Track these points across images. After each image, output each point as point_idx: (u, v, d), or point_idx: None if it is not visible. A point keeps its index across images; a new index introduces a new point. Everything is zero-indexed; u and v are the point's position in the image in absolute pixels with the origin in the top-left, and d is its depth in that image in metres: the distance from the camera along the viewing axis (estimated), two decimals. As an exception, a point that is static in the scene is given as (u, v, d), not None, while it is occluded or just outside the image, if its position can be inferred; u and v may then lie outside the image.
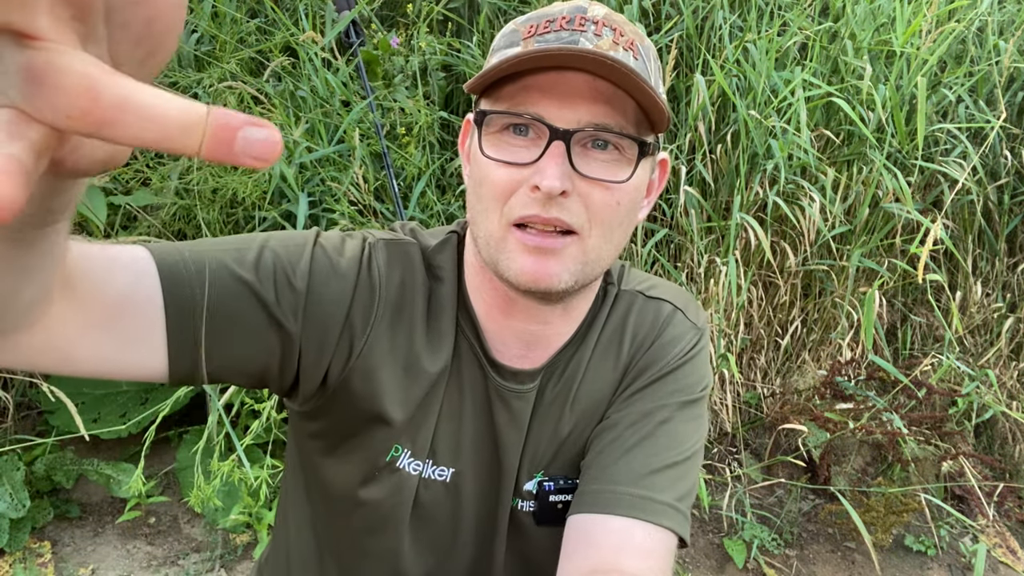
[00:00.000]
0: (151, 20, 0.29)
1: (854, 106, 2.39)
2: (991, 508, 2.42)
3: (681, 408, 0.81)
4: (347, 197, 2.00)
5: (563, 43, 0.66)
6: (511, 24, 0.73)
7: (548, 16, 0.69)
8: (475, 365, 0.81)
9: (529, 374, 0.81)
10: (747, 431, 2.60)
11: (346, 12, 2.13)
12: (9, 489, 1.88)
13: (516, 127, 0.68)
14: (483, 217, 0.71)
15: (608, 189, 0.68)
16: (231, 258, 0.69)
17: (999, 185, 2.75)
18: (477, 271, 0.79)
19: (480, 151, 0.70)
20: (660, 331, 0.84)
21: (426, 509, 0.82)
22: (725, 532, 2.32)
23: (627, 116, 0.67)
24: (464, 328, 0.81)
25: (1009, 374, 2.75)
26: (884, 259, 2.62)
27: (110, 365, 0.62)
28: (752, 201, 2.37)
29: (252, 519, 2.06)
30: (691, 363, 0.83)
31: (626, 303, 0.86)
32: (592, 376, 0.83)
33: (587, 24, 0.67)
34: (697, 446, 0.81)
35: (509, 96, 0.68)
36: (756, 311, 2.52)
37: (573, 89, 0.66)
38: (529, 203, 0.67)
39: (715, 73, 2.22)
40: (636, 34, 0.70)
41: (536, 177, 0.66)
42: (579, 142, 0.67)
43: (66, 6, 0.25)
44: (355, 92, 2.18)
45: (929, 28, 2.46)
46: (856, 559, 2.31)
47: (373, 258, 0.77)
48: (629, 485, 0.74)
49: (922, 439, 2.43)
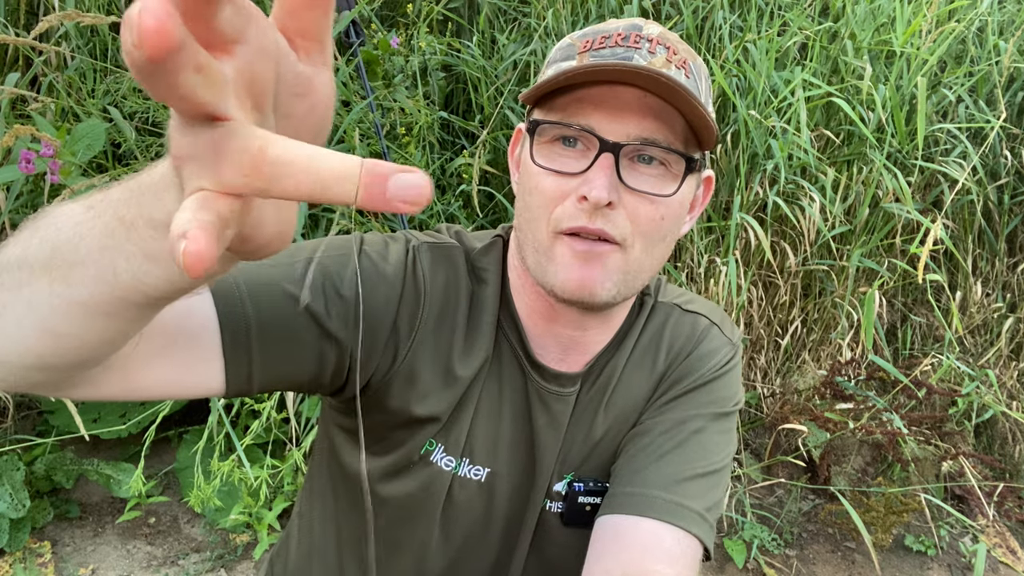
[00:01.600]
0: (310, 111, 0.35)
1: (854, 106, 2.39)
2: (991, 508, 2.42)
3: (714, 420, 0.82)
4: (347, 197, 2.00)
5: (618, 58, 0.68)
6: (567, 38, 0.75)
7: (604, 32, 0.71)
8: (516, 366, 0.82)
9: (570, 377, 0.82)
10: (747, 431, 2.60)
11: (346, 12, 2.13)
12: (9, 489, 1.88)
13: (566, 139, 0.70)
14: (530, 225, 0.73)
15: (653, 203, 0.70)
16: (280, 275, 0.70)
17: (999, 185, 2.75)
18: (520, 275, 0.80)
19: (531, 159, 0.72)
20: (696, 344, 0.86)
21: (458, 507, 0.83)
22: (725, 532, 2.32)
23: (675, 132, 0.69)
24: (507, 330, 0.82)
25: (1009, 374, 2.75)
26: (884, 259, 2.62)
27: (171, 388, 0.64)
28: (752, 201, 2.37)
29: (252, 519, 2.06)
30: (725, 377, 0.85)
31: (663, 315, 0.87)
32: (627, 382, 0.84)
33: (642, 41, 0.69)
34: (727, 459, 0.82)
35: (562, 107, 0.70)
36: (756, 311, 2.52)
37: (624, 103, 0.67)
38: (576, 213, 0.69)
39: (715, 73, 2.22)
40: (689, 53, 0.72)
41: (584, 187, 0.68)
42: (627, 155, 0.69)
43: (247, 96, 0.31)
44: (355, 92, 2.18)
45: (929, 28, 2.46)
46: (856, 559, 2.31)
47: (418, 262, 0.78)
48: (661, 490, 0.75)
49: (922, 439, 2.43)
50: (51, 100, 1.93)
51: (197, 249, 0.27)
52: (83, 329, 0.45)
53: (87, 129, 1.77)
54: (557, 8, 2.44)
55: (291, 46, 0.33)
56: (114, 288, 0.41)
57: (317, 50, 0.34)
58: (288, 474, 2.03)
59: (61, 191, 1.60)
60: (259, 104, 0.31)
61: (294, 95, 0.34)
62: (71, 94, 2.08)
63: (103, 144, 1.78)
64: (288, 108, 0.34)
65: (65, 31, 2.17)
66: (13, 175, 1.60)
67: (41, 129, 1.58)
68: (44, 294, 0.44)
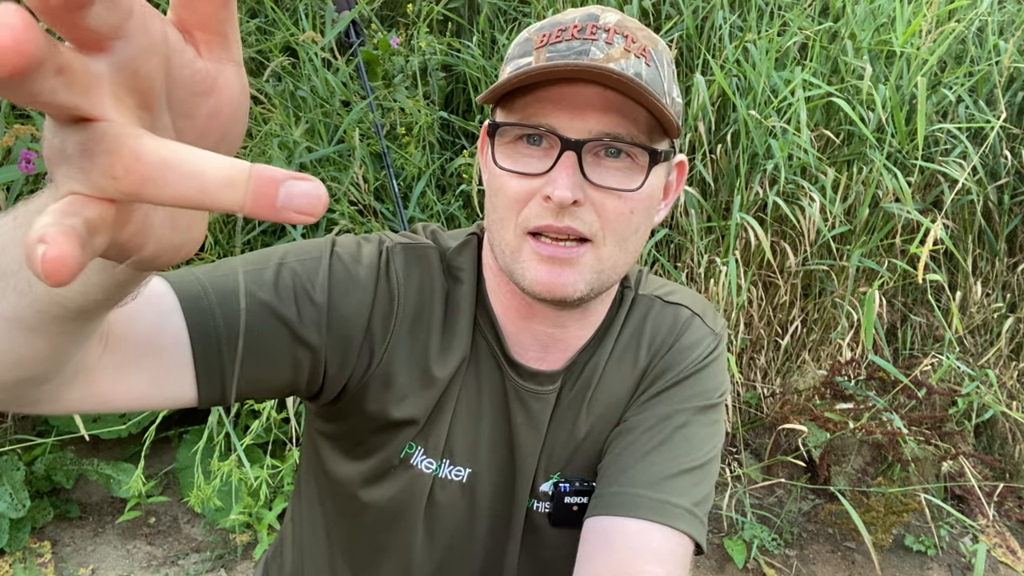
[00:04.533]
0: (215, 112, 0.33)
1: (854, 106, 2.39)
2: (991, 508, 2.42)
3: (698, 413, 0.81)
4: (347, 197, 2.00)
5: (574, 52, 0.66)
6: (525, 32, 0.73)
7: (560, 24, 0.70)
8: (494, 365, 0.81)
9: (549, 376, 0.81)
10: (747, 431, 2.60)
11: (346, 12, 2.13)
12: (9, 489, 1.88)
13: (530, 137, 0.69)
14: (499, 226, 0.72)
15: (621, 198, 0.69)
16: (249, 280, 0.69)
17: (999, 185, 2.75)
18: (496, 274, 0.79)
19: (494, 162, 0.71)
20: (678, 336, 0.84)
21: (441, 508, 0.82)
22: (725, 532, 2.32)
23: (639, 124, 0.68)
24: (483, 329, 0.81)
25: (1009, 374, 2.75)
26: (884, 259, 2.62)
27: (144, 400, 0.63)
28: (752, 201, 2.37)
29: (252, 519, 2.06)
30: (708, 369, 0.84)
31: (644, 308, 0.86)
32: (609, 379, 0.83)
33: (598, 32, 0.68)
34: (714, 452, 0.81)
35: (522, 107, 0.68)
36: (756, 311, 2.52)
37: (584, 100, 0.66)
38: (542, 213, 0.68)
39: (715, 73, 2.22)
40: (649, 39, 0.70)
41: (548, 187, 0.67)
42: (591, 151, 0.68)
43: (130, 94, 0.28)
44: (355, 92, 2.18)
45: (929, 28, 2.46)
46: (856, 559, 2.31)
47: (391, 264, 0.77)
48: (648, 488, 0.74)
49: (922, 439, 2.43)
50: (51, 100, 1.92)
51: (57, 255, 0.24)
52: (16, 344, 0.44)
53: (87, 129, 1.76)
54: (557, 8, 2.44)
55: (190, 41, 0.31)
56: (33, 301, 0.41)
57: (219, 44, 0.32)
58: (288, 474, 2.03)
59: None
60: (146, 103, 0.29)
61: (194, 94, 0.31)
62: (71, 94, 2.08)
63: (103, 144, 1.77)
64: (188, 108, 0.32)
65: (65, 31, 2.17)
66: (13, 175, 1.60)
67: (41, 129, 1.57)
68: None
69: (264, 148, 1.93)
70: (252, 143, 1.94)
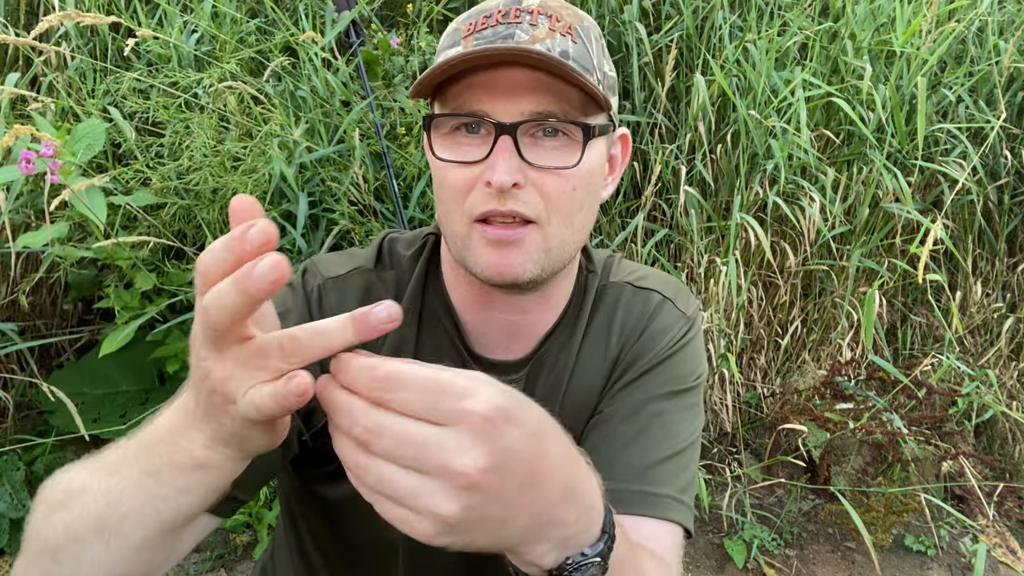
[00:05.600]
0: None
1: (854, 106, 2.39)
2: (991, 508, 2.42)
3: (673, 398, 0.81)
4: (347, 197, 2.00)
5: (499, 37, 0.67)
6: (454, 22, 0.73)
7: (486, 11, 0.70)
8: (458, 361, 0.82)
9: (512, 365, 0.82)
10: (747, 431, 2.60)
11: (346, 12, 2.13)
12: (9, 489, 1.88)
13: (467, 126, 0.69)
14: (448, 217, 0.73)
15: (561, 176, 0.69)
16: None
17: (999, 185, 2.75)
18: (453, 267, 0.80)
19: (433, 154, 0.71)
20: (648, 322, 0.84)
21: None
22: (725, 532, 2.32)
23: (571, 102, 0.68)
24: (445, 324, 0.82)
25: (1009, 374, 2.75)
26: (884, 259, 2.62)
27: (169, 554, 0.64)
28: (752, 201, 2.37)
29: (252, 519, 2.06)
30: (681, 353, 0.83)
31: (615, 294, 0.86)
32: (582, 369, 0.83)
33: (522, 15, 0.68)
34: (693, 436, 0.81)
35: (454, 96, 0.69)
36: (756, 311, 2.52)
37: (514, 82, 0.67)
38: (486, 199, 0.68)
39: (715, 73, 2.22)
40: (574, 16, 0.71)
41: (488, 173, 0.67)
42: (526, 132, 0.68)
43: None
44: (355, 92, 2.18)
45: (929, 28, 2.46)
46: (856, 559, 2.31)
47: (324, 305, 0.79)
48: (629, 482, 0.74)
49: (922, 439, 2.43)
50: (51, 100, 1.93)
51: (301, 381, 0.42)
52: (141, 559, 0.54)
53: (87, 129, 1.76)
54: (557, 8, 2.44)
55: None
56: (160, 524, 0.53)
57: None
58: (288, 474, 2.02)
59: (61, 191, 1.60)
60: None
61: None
62: (71, 94, 2.08)
63: (103, 144, 1.78)
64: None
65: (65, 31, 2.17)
66: (13, 175, 1.60)
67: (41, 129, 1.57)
68: (103, 551, 0.53)
69: (264, 148, 1.93)
70: (252, 143, 1.94)
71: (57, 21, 1.47)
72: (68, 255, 1.80)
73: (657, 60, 2.48)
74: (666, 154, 2.36)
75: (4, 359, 2.19)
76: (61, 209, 1.70)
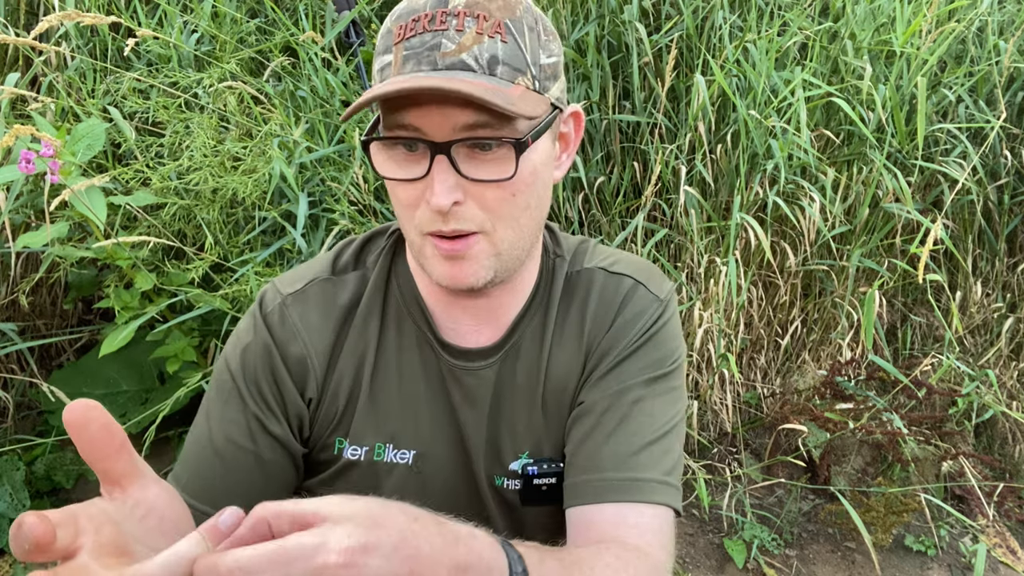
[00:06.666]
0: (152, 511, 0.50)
1: (854, 106, 2.39)
2: (991, 508, 2.42)
3: (652, 384, 0.81)
4: (347, 197, 2.00)
5: (426, 48, 0.66)
6: (387, 21, 0.71)
7: (414, 13, 0.68)
8: (428, 349, 0.83)
9: (481, 352, 0.83)
10: (747, 431, 2.60)
11: (346, 12, 2.13)
12: (9, 489, 1.88)
13: (405, 143, 0.69)
14: (403, 224, 0.75)
15: (500, 187, 0.69)
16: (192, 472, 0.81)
17: (999, 185, 2.75)
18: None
19: (375, 171, 0.72)
20: (620, 309, 0.84)
21: (391, 493, 0.84)
22: (725, 532, 2.32)
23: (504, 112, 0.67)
24: (414, 316, 0.83)
25: (1009, 374, 2.75)
26: (884, 259, 2.62)
27: None
28: (752, 201, 2.37)
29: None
30: (655, 338, 0.83)
31: (587, 280, 0.86)
32: (557, 359, 0.84)
33: (448, 19, 0.66)
34: (676, 419, 0.81)
35: (391, 110, 0.68)
36: (756, 311, 2.52)
37: (445, 98, 0.65)
38: (432, 218, 0.70)
39: (715, 73, 2.22)
40: (504, 9, 0.68)
41: (428, 194, 0.68)
42: (461, 148, 0.67)
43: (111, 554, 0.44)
44: (355, 92, 2.18)
45: (929, 28, 2.46)
46: (856, 559, 2.31)
47: (287, 322, 0.82)
48: (614, 471, 0.76)
49: (922, 439, 2.43)
50: (51, 100, 1.93)
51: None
52: None
53: (87, 129, 1.76)
54: (557, 8, 2.44)
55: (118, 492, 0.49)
56: None
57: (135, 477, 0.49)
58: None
59: (61, 191, 1.60)
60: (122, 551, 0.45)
61: (141, 519, 0.49)
62: (71, 94, 2.08)
63: (103, 144, 1.78)
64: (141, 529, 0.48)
65: (65, 31, 2.17)
66: (13, 175, 1.60)
67: (41, 129, 1.57)
68: None
69: (264, 148, 1.93)
70: (252, 143, 1.94)
71: (57, 21, 1.47)
72: (68, 255, 1.80)
73: (657, 60, 2.48)
74: (666, 154, 2.36)
75: (4, 359, 2.19)
76: (61, 209, 1.70)
